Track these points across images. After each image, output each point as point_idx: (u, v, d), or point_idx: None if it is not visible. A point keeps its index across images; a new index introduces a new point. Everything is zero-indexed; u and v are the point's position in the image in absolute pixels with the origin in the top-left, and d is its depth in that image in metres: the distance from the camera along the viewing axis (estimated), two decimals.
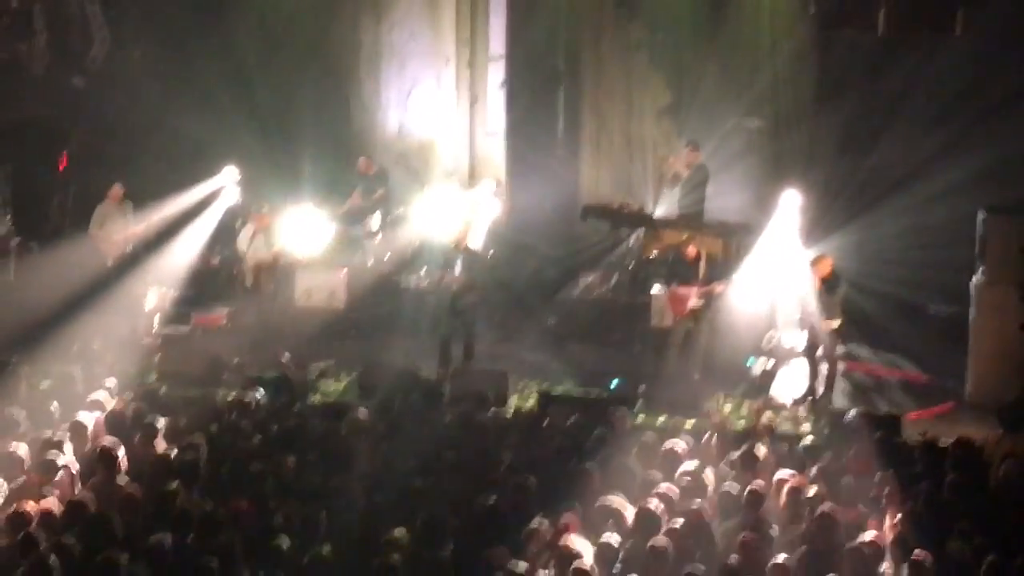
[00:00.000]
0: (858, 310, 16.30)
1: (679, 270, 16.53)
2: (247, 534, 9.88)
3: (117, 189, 17.94)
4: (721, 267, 16.61)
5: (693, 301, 16.16)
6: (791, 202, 17.02)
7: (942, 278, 17.26)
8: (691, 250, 16.42)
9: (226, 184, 18.94)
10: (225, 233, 18.49)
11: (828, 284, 15.35)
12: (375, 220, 19.31)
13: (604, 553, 9.70)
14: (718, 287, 16.16)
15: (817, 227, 17.41)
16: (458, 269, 16.23)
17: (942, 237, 17.18)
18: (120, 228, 17.88)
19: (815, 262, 15.55)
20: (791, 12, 19.56)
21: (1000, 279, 15.53)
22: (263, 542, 9.70)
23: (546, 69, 21.09)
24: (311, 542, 9.78)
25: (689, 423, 14.01)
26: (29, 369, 14.22)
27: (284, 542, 9.66)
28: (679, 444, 12.00)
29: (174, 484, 10.52)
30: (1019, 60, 18.53)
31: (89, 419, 12.20)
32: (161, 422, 12.22)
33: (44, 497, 10.49)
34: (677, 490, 10.89)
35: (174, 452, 11.65)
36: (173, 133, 19.57)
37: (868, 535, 10.17)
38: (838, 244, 16.81)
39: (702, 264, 16.28)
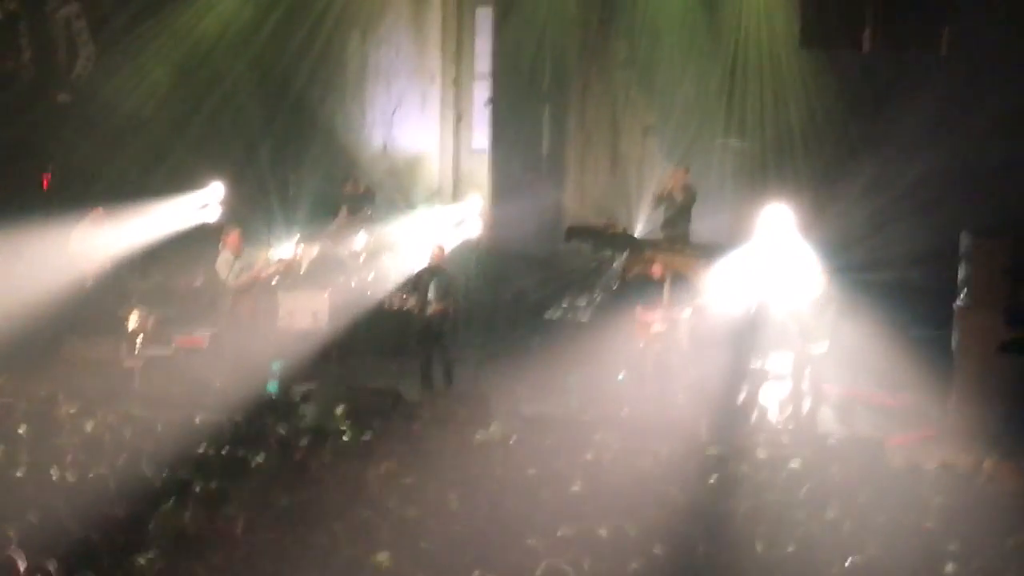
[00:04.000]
0: (843, 332, 16.26)
1: (645, 292, 16.47)
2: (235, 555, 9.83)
3: (100, 212, 17.92)
4: (689, 289, 16.60)
5: (656, 326, 16.09)
6: (775, 220, 17.02)
7: (925, 300, 17.25)
8: (655, 269, 16.32)
9: (210, 201, 18.87)
10: (207, 254, 18.39)
11: (819, 303, 15.29)
12: (359, 240, 19.23)
13: None
14: (681, 311, 16.11)
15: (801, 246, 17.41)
16: (432, 292, 16.13)
17: (926, 258, 17.16)
18: (99, 248, 17.78)
19: (812, 278, 15.49)
20: (776, 32, 19.59)
21: (983, 302, 15.51)
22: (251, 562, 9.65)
23: (532, 87, 21.11)
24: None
25: (668, 446, 13.93)
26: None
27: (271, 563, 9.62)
28: (661, 466, 11.97)
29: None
30: (1004, 79, 18.58)
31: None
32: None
33: None
34: (657, 512, 10.84)
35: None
36: (158, 151, 19.48)
37: (854, 558, 10.13)
38: (821, 264, 16.77)
39: (666, 286, 16.20)
